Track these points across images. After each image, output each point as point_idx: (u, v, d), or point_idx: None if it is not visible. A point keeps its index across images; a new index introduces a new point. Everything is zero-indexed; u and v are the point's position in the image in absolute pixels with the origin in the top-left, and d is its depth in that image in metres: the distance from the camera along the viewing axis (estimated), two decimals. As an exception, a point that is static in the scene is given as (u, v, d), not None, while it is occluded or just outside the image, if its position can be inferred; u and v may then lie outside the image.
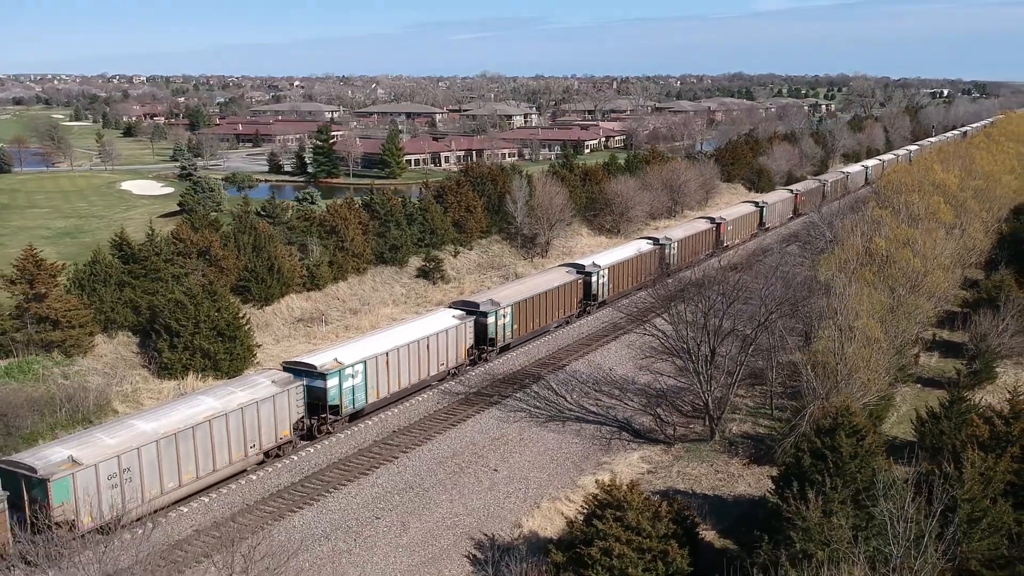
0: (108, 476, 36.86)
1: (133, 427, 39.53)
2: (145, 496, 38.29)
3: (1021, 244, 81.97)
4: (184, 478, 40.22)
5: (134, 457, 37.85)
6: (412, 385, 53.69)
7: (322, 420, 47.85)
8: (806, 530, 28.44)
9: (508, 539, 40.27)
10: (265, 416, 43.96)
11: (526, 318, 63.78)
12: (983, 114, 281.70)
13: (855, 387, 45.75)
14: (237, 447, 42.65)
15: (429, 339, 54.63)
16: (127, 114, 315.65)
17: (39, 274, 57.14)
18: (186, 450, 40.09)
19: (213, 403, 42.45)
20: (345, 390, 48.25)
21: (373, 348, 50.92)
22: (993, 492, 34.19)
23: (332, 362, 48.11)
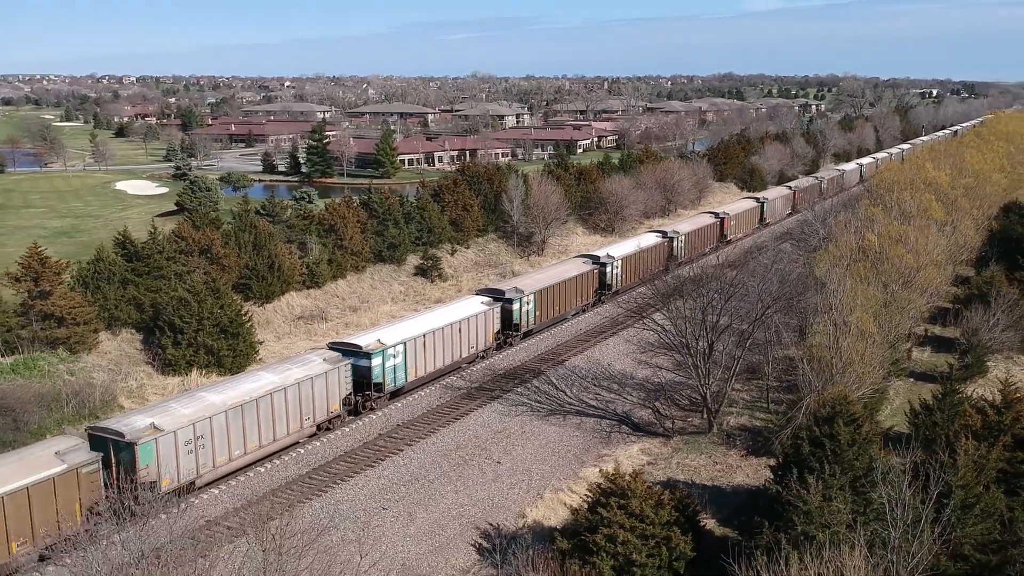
0: (185, 442, 40.35)
1: (204, 399, 43.01)
2: (216, 462, 42.09)
3: (1011, 241, 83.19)
4: (249, 446, 43.79)
5: (207, 425, 41.37)
6: (446, 366, 57.25)
7: (366, 397, 51.22)
8: (807, 513, 29.39)
9: (513, 528, 41.09)
10: (318, 391, 47.53)
11: (548, 305, 67.34)
12: (972, 114, 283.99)
13: (850, 380, 46.74)
14: (294, 419, 46.21)
15: (461, 323, 58.21)
16: (118, 114, 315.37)
17: (44, 271, 57.75)
18: (251, 420, 43.64)
19: (272, 378, 46.08)
20: (387, 369, 51.98)
21: (412, 330, 54.52)
22: (986, 479, 35.17)
23: (375, 343, 51.67)
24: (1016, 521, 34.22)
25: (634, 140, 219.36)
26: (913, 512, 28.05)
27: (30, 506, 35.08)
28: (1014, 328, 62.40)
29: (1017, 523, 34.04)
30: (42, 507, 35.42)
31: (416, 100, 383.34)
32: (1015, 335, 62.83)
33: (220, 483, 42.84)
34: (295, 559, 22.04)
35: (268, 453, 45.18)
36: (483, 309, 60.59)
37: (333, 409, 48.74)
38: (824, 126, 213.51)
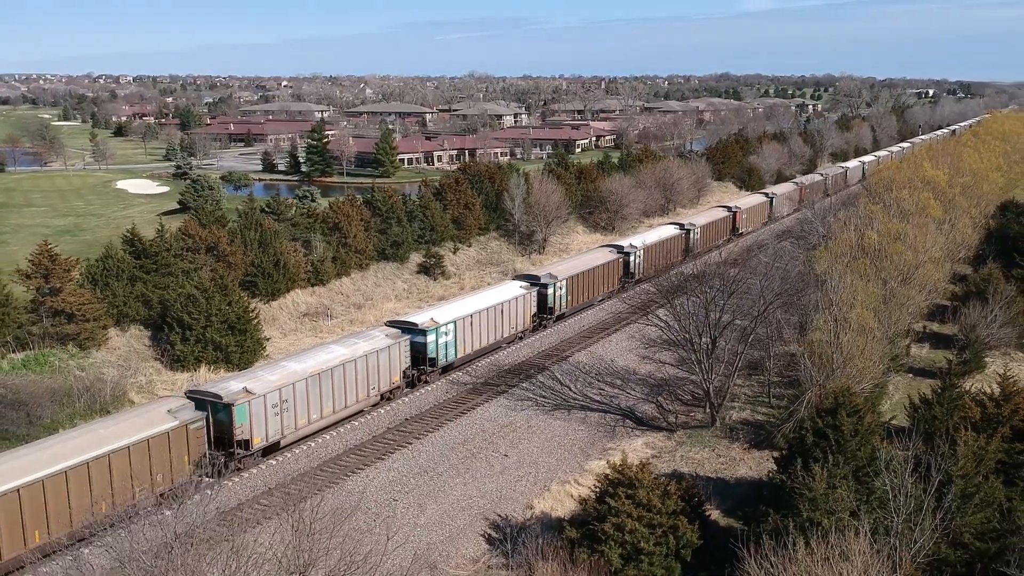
0: (272, 405, 44.46)
1: (286, 367, 47.29)
2: (297, 424, 46.28)
3: (1008, 239, 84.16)
4: (324, 411, 47.90)
5: (290, 391, 45.52)
6: (489, 344, 61.39)
7: (421, 371, 55.27)
8: (812, 500, 30.20)
9: (521, 519, 41.85)
10: (383, 363, 51.79)
11: (578, 291, 71.48)
12: (968, 114, 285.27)
13: (851, 375, 47.54)
14: (362, 388, 50.43)
15: (503, 305, 62.59)
16: (116, 114, 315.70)
17: (54, 268, 58.42)
18: (326, 388, 47.76)
19: (343, 351, 50.07)
20: (440, 345, 56.22)
21: (461, 311, 58.74)
22: (985, 469, 35.97)
23: (429, 320, 55.85)
24: (1014, 510, 35.06)
25: (632, 140, 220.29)
26: (915, 501, 28.81)
27: (150, 456, 39.36)
28: (1011, 324, 63.29)
29: (1015, 512, 34.87)
30: (159, 457, 39.87)
31: (414, 100, 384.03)
32: (1012, 331, 63.72)
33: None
34: (325, 539, 22.80)
35: (339, 419, 49.43)
36: (522, 293, 64.82)
37: (394, 380, 53.09)
38: (821, 126, 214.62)
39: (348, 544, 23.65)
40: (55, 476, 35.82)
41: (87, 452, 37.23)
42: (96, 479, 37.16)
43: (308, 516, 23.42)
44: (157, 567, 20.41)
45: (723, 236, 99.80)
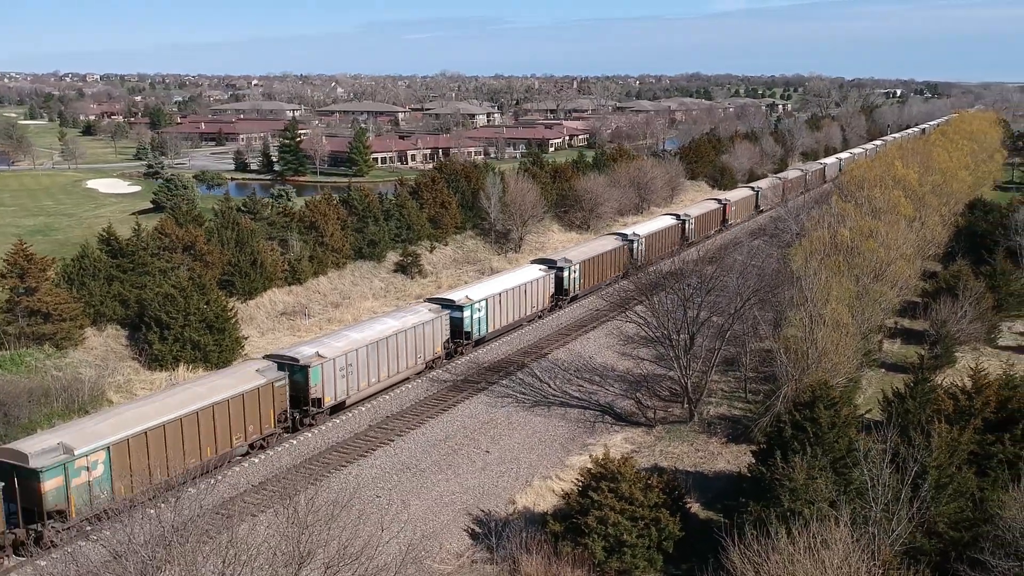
0: (339, 368, 49.59)
1: (348, 336, 52.43)
2: (359, 386, 51.41)
3: (976, 237, 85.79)
4: (381, 375, 53.04)
5: (353, 356, 50.60)
6: (515, 321, 66.87)
7: (457, 343, 60.64)
8: (793, 490, 30.86)
9: (504, 514, 42.24)
10: (428, 335, 57.02)
11: (589, 274, 76.76)
12: (935, 113, 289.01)
13: (826, 370, 48.35)
14: (411, 357, 55.66)
15: (526, 286, 67.91)
16: (84, 113, 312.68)
17: (30, 268, 57.99)
18: (382, 355, 52.89)
19: (394, 323, 55.28)
20: (474, 320, 61.56)
21: (491, 289, 64.22)
22: (958, 460, 36.89)
23: (465, 298, 61.26)
24: (986, 500, 35.92)
25: (605, 139, 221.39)
26: (892, 491, 29.52)
27: (244, 409, 44.01)
28: (980, 320, 64.55)
29: (987, 502, 35.71)
30: (252, 410, 44.75)
31: (386, 99, 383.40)
32: (981, 327, 65.00)
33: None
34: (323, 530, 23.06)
35: (392, 383, 54.39)
36: (541, 275, 70.22)
37: (437, 351, 58.29)
38: (792, 125, 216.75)
39: (346, 535, 23.82)
40: (172, 422, 40.72)
41: (201, 401, 42.29)
42: (204, 425, 42.08)
43: (303, 509, 23.64)
44: (155, 558, 20.57)
45: (715, 226, 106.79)
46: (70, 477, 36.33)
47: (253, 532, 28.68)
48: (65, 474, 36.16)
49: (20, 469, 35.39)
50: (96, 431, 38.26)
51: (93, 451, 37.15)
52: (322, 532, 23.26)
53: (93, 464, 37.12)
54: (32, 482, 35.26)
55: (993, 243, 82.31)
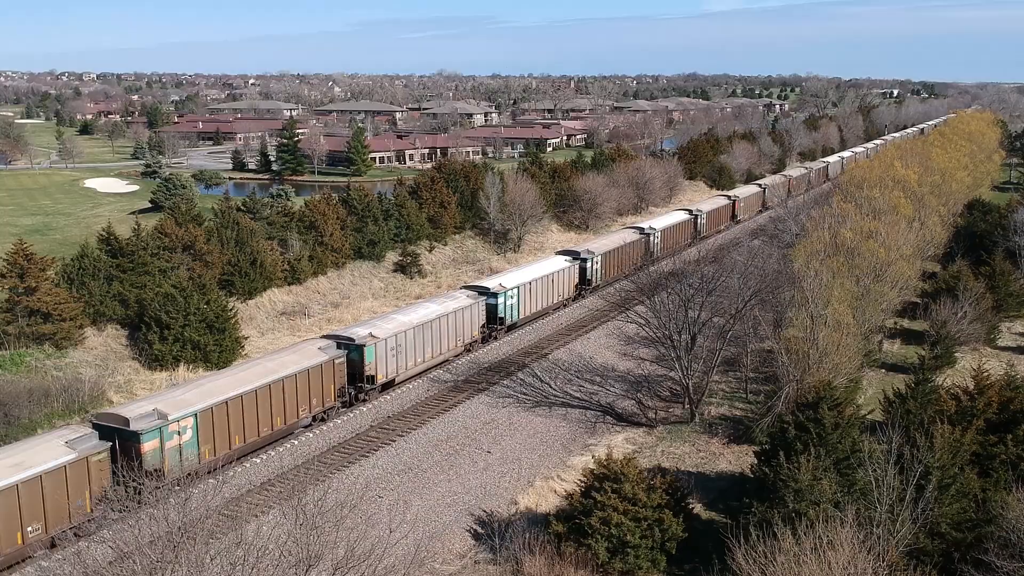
0: (390, 348, 53.34)
1: (396, 319, 56.09)
2: (407, 365, 55.23)
3: (974, 237, 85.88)
4: (426, 356, 56.88)
5: (402, 337, 54.34)
6: (542, 309, 70.46)
7: (492, 328, 64.14)
8: (798, 491, 30.85)
9: (506, 515, 42.18)
10: (466, 319, 60.70)
11: (610, 265, 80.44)
12: (932, 114, 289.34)
13: (827, 370, 48.37)
14: (452, 339, 59.43)
15: (553, 275, 71.51)
16: (81, 112, 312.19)
17: (29, 267, 57.88)
18: (427, 336, 56.69)
19: (437, 308, 59.00)
20: (507, 307, 65.28)
21: (522, 278, 67.92)
22: (960, 461, 36.89)
23: (499, 285, 65.00)
24: (989, 500, 35.96)
25: (603, 139, 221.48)
26: (898, 491, 29.52)
27: (309, 384, 48.24)
28: (980, 321, 64.60)
29: (990, 502, 35.76)
30: (316, 385, 48.48)
31: (383, 98, 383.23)
32: (981, 327, 65.06)
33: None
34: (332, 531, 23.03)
35: (435, 364, 58.25)
36: (567, 265, 74.01)
37: (474, 334, 61.92)
38: (790, 126, 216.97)
39: (353, 536, 23.77)
40: (249, 394, 44.37)
41: (274, 375, 46.15)
42: (275, 397, 45.94)
43: (311, 509, 23.59)
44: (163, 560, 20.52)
45: (725, 221, 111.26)
46: (164, 440, 40.04)
47: (260, 533, 28.52)
48: (160, 437, 39.87)
49: (122, 431, 38.95)
50: (184, 400, 41.96)
51: (183, 417, 40.90)
52: (330, 534, 23.20)
53: (183, 429, 40.84)
54: (133, 443, 38.79)
55: (992, 243, 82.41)
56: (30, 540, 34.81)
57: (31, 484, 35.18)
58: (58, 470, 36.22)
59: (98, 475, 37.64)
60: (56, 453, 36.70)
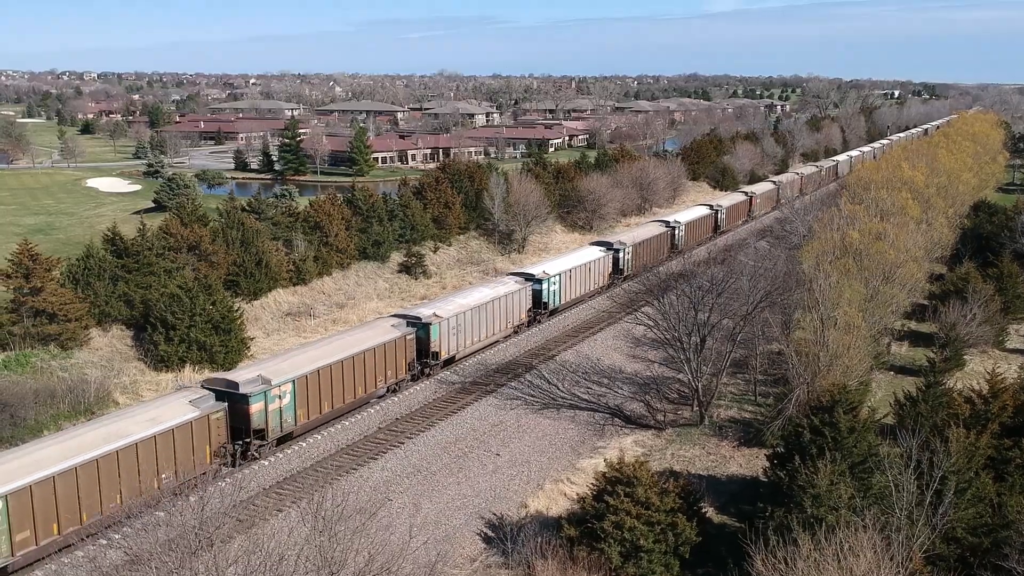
0: (452, 327, 57.39)
1: (454, 301, 60.31)
2: (466, 343, 59.52)
3: (981, 239, 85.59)
4: (481, 335, 61.19)
5: (462, 318, 58.48)
6: (580, 296, 74.25)
7: (537, 312, 68.31)
8: (816, 496, 30.55)
9: (516, 518, 41.88)
10: (515, 303, 65.10)
11: (640, 256, 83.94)
12: (934, 115, 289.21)
13: (838, 373, 48.09)
14: (503, 321, 63.83)
15: (590, 264, 75.85)
16: (82, 111, 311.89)
17: (35, 268, 57.58)
18: (483, 318, 60.96)
19: (489, 292, 63.56)
20: (550, 292, 69.28)
21: (563, 266, 72.14)
22: (976, 465, 36.63)
23: (542, 272, 69.17)
24: (1005, 505, 35.70)
25: (605, 139, 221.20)
26: (918, 496, 29.23)
27: (385, 357, 51.94)
28: (989, 323, 64.32)
29: (1006, 507, 35.51)
30: (391, 359, 52.70)
31: (384, 98, 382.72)
32: (990, 330, 64.78)
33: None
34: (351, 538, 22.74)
35: (488, 343, 62.45)
36: (602, 255, 78.08)
37: (522, 317, 66.27)
38: (792, 127, 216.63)
39: (372, 543, 23.48)
40: (337, 364, 48.12)
41: (356, 347, 50.04)
42: (358, 368, 49.75)
43: (330, 516, 23.31)
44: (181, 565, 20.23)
45: (742, 217, 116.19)
46: (268, 403, 44.08)
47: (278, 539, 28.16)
48: (265, 400, 43.89)
49: (232, 395, 42.77)
50: (282, 368, 45.81)
51: (283, 383, 44.89)
52: (350, 540, 22.90)
53: (283, 393, 44.79)
54: (242, 405, 42.75)
55: (999, 245, 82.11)
56: (163, 485, 38.28)
57: (165, 436, 39.47)
58: (186, 425, 40.49)
59: (216, 431, 41.96)
60: (183, 411, 40.90)
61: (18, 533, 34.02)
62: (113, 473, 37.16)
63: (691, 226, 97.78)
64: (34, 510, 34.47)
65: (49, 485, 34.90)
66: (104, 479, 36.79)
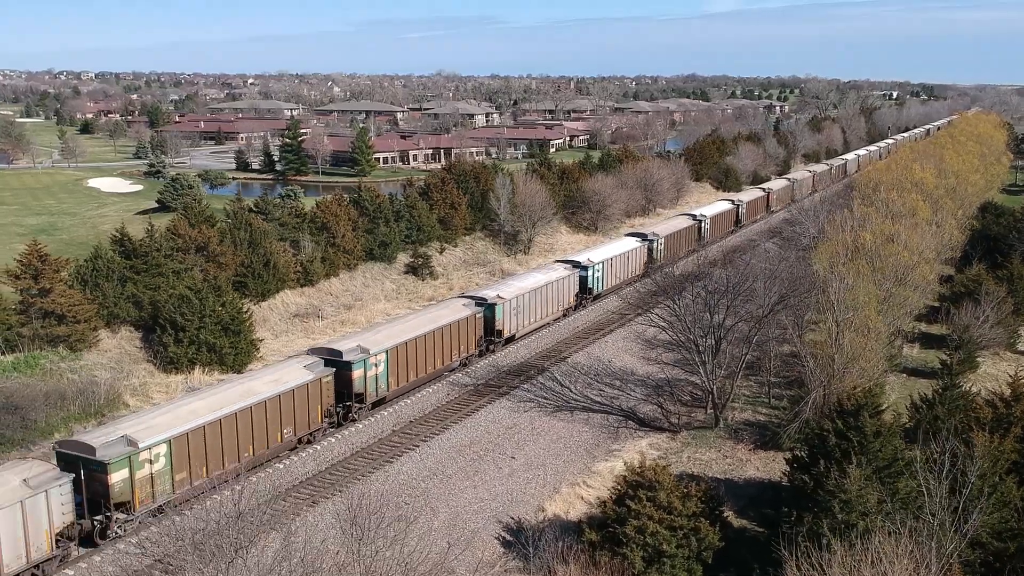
0: (512, 308, 62.64)
1: (514, 284, 65.48)
2: (523, 324, 64.53)
3: (990, 240, 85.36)
4: (536, 317, 66.21)
5: (521, 300, 63.63)
6: (620, 283, 78.87)
7: (583, 297, 73.41)
8: (847, 501, 30.23)
9: (534, 522, 41.54)
10: (565, 288, 70.21)
11: (671, 247, 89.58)
12: (933, 116, 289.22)
13: (854, 375, 47.82)
14: (554, 304, 68.88)
15: (628, 253, 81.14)
16: (81, 111, 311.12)
17: (44, 269, 57.14)
18: (539, 300, 65.97)
19: (543, 277, 68.31)
20: (595, 279, 74.41)
21: (604, 255, 77.72)
22: (1000, 470, 36.35)
23: (587, 260, 74.08)
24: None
25: (606, 140, 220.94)
26: (952, 501, 28.92)
27: (459, 333, 57.68)
28: (1001, 325, 64.08)
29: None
30: (463, 334, 58.19)
31: (383, 98, 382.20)
32: (1003, 332, 64.54)
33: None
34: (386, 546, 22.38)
35: (542, 324, 67.49)
36: (638, 245, 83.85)
37: (571, 301, 71.52)
38: (794, 127, 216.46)
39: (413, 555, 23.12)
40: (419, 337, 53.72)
41: (436, 323, 55.72)
42: (438, 341, 55.43)
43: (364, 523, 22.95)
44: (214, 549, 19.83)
45: (760, 212, 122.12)
46: (367, 370, 49.23)
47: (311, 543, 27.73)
48: (364, 368, 49.04)
49: (336, 362, 48.03)
50: (377, 339, 51.22)
51: (379, 352, 50.24)
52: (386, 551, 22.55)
53: (379, 362, 50.22)
54: (345, 371, 48.11)
55: (1008, 247, 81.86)
56: (285, 439, 44.42)
57: (287, 396, 44.41)
58: (303, 386, 45.44)
59: (327, 393, 47.17)
60: (301, 374, 46.01)
61: (178, 473, 38.88)
62: (248, 426, 42.14)
63: (715, 220, 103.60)
64: (189, 454, 39.36)
65: (201, 433, 39.77)
66: (241, 430, 41.78)
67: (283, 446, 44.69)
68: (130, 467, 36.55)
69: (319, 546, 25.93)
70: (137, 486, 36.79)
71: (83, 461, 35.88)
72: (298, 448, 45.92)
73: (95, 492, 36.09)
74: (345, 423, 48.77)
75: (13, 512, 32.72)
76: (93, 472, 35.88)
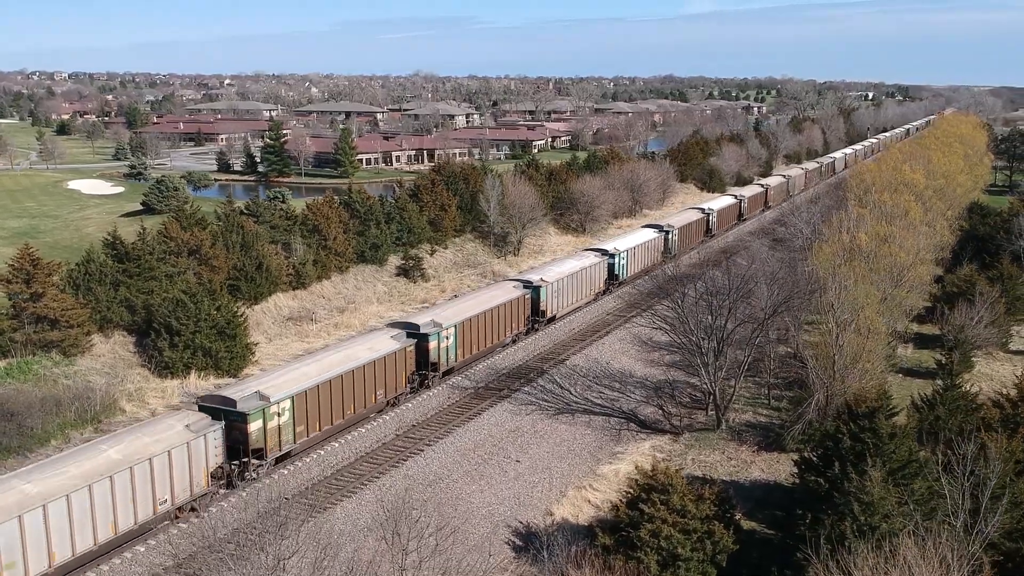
0: (553, 291, 67.70)
1: (553, 269, 70.76)
2: (563, 305, 69.58)
3: (979, 241, 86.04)
4: (573, 300, 71.25)
5: (560, 284, 68.65)
6: (641, 270, 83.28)
7: (609, 283, 78.46)
8: (868, 504, 30.22)
9: (543, 526, 41.37)
10: (596, 274, 75.81)
11: (685, 238, 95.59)
12: (910, 116, 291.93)
13: (856, 376, 47.96)
14: (587, 289, 74.11)
15: (647, 243, 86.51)
16: (56, 112, 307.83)
17: (36, 273, 56.26)
18: (575, 285, 71.24)
19: (576, 263, 73.87)
20: (621, 266, 79.92)
21: (628, 244, 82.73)
22: (1010, 470, 36.51)
23: (614, 248, 79.48)
24: (1039, 510, 35.55)
25: (588, 140, 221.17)
26: (972, 502, 28.99)
27: (511, 312, 62.74)
28: (995, 325, 64.53)
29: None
30: (515, 314, 63.40)
31: (362, 99, 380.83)
32: (996, 332, 64.99)
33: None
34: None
35: (578, 307, 72.69)
36: (656, 235, 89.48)
37: (600, 287, 76.87)
38: (776, 128, 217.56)
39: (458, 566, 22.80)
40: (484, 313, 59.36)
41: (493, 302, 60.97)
42: (495, 318, 60.62)
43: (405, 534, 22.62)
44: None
45: (760, 206, 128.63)
46: (440, 342, 54.86)
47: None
48: (438, 339, 54.64)
49: (415, 334, 53.12)
50: (446, 315, 56.52)
51: (449, 326, 55.62)
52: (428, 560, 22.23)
53: (449, 335, 55.56)
54: (423, 343, 53.54)
55: (996, 247, 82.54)
56: (377, 401, 49.58)
57: (379, 362, 49.36)
58: (392, 354, 50.46)
59: (409, 361, 52.41)
60: (390, 343, 51.20)
61: (298, 426, 43.67)
62: (351, 386, 46.88)
63: (721, 213, 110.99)
64: (307, 409, 44.03)
65: (316, 392, 44.48)
66: (346, 391, 46.50)
67: (375, 407, 49.58)
68: (263, 418, 41.65)
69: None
70: (268, 435, 41.90)
71: (224, 412, 40.83)
72: (385, 409, 51.02)
73: (235, 440, 40.97)
74: (422, 389, 54.33)
75: (182, 452, 38.17)
76: (234, 422, 40.84)
